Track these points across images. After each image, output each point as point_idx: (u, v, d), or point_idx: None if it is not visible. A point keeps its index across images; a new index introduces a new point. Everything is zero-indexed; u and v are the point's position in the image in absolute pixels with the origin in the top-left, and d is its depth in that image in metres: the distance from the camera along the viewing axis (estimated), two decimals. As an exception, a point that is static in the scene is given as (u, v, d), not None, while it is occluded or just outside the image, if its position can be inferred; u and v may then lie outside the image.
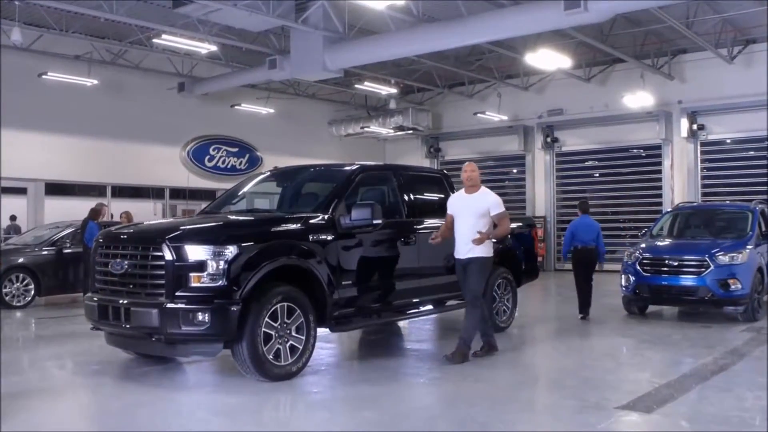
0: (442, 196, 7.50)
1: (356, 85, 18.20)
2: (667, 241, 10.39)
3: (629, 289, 9.75)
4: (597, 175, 20.11)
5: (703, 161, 18.32)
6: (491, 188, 6.75)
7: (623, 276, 9.88)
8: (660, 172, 18.80)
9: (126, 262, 5.67)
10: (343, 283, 6.22)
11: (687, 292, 9.33)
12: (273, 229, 5.99)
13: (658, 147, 18.73)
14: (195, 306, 5.34)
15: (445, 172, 8.18)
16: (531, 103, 20.03)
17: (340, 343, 7.73)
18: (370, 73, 17.61)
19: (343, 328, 6.44)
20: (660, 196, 18.78)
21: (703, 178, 18.35)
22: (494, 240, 6.56)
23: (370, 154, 21.80)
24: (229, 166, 19.16)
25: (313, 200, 6.89)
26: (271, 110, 19.11)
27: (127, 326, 5.64)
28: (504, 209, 6.57)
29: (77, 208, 14.20)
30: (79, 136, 16.01)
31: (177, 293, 5.38)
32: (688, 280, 9.27)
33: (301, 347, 5.82)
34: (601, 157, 19.87)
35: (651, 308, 10.25)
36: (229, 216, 6.71)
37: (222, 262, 5.39)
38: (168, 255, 5.43)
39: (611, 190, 19.65)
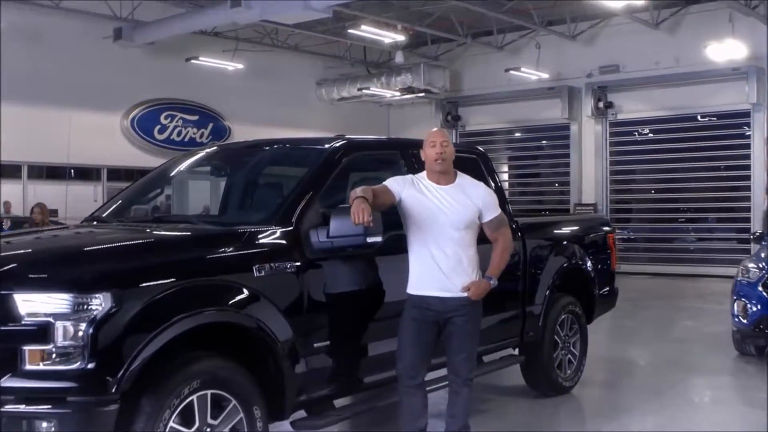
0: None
1: (351, 31, 16.93)
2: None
3: (749, 321, 7.83)
4: (654, 149, 18.91)
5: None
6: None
7: (737, 302, 8.05)
8: (747, 147, 17.28)
9: None
10: (315, 345, 4.33)
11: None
12: (187, 256, 4.03)
13: (746, 114, 17.16)
14: (32, 408, 3.43)
15: (481, 150, 6.22)
16: (579, 58, 18.82)
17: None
18: (369, 15, 16.20)
19: (315, 422, 4.45)
20: (747, 178, 17.24)
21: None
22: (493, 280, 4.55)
23: (370, 124, 20.92)
24: (186, 139, 18.06)
25: (269, 200, 5.01)
26: (240, 66, 18.01)
27: None
28: (501, 210, 4.65)
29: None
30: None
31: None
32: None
33: (238, 464, 3.91)
34: (664, 128, 18.58)
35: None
36: (116, 230, 4.72)
37: (84, 325, 3.44)
38: (-18, 311, 3.45)
39: (672, 171, 18.45)
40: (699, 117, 18.00)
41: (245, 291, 3.98)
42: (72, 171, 16.44)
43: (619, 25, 17.60)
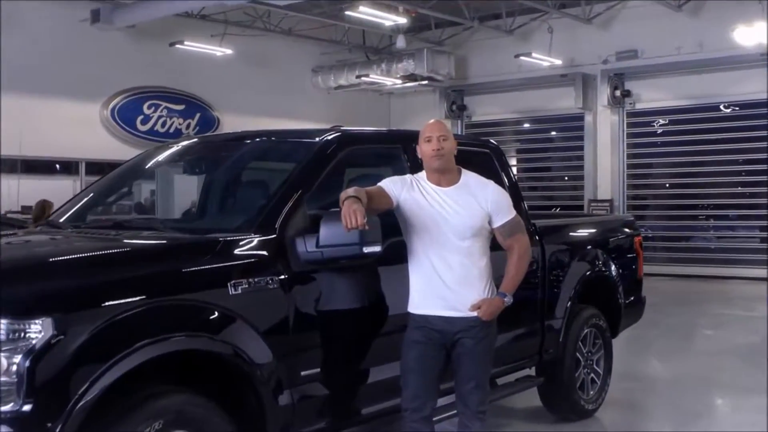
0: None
1: (348, 13, 16.52)
2: None
3: (790, 334, 7.44)
4: (674, 141, 18.63)
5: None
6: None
7: (777, 312, 7.60)
8: (771, 138, 17.08)
9: None
10: (303, 373, 3.94)
11: None
12: (148, 272, 3.61)
13: (773, 103, 16.94)
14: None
15: (495, 144, 5.84)
16: (594, 42, 18.54)
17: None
18: (368, -4, 16.01)
19: (303, 463, 4.02)
20: (770, 172, 17.05)
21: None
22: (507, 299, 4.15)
23: (369, 114, 20.71)
24: (172, 130, 17.65)
25: (249, 202, 4.61)
26: (229, 51, 17.60)
27: None
28: (515, 212, 4.23)
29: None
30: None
31: None
32: None
33: None
34: (686, 118, 18.31)
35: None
36: (67, 239, 4.30)
37: (19, 357, 3.03)
38: None
39: (693, 164, 18.23)
40: (722, 107, 17.71)
41: (218, 312, 3.57)
42: (55, 165, 16.47)
43: (638, 8, 17.26)
